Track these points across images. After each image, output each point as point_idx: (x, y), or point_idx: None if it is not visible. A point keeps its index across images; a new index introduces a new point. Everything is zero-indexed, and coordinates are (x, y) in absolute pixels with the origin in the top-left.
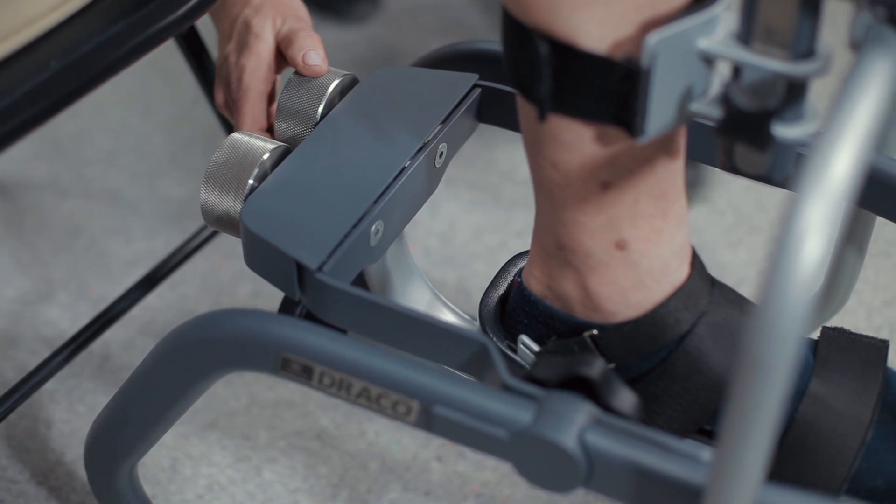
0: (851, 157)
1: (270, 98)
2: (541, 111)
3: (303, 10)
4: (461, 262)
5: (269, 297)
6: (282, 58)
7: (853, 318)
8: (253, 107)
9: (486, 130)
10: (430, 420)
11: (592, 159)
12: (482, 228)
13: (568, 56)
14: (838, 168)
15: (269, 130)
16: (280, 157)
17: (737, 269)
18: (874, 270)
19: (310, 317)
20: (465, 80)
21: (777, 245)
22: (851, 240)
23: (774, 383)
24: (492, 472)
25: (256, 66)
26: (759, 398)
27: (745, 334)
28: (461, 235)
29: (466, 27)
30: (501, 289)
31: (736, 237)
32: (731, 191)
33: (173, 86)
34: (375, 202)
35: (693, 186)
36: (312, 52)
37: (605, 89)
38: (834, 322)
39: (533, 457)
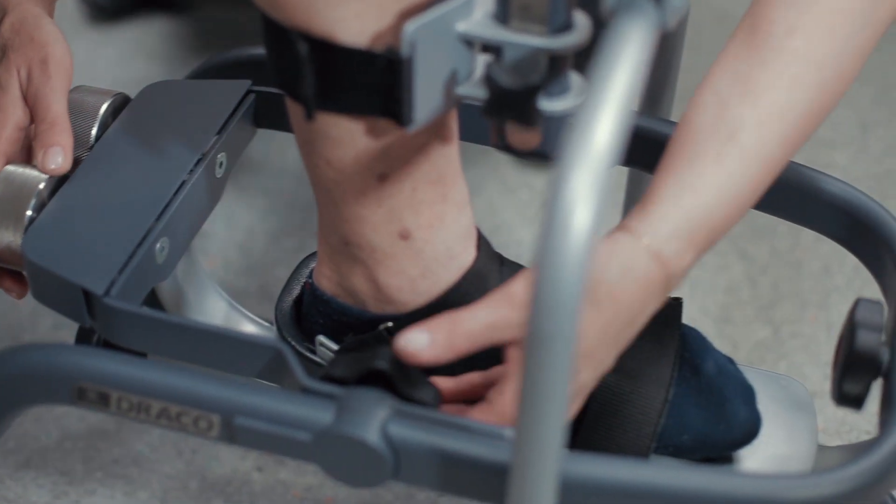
0: (611, 124)
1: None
2: (307, 110)
3: (57, 50)
4: (262, 269)
5: (72, 328)
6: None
7: None
8: None
9: (277, 135)
10: (232, 432)
11: (366, 153)
12: (280, 233)
13: (328, 53)
14: (599, 136)
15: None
16: (57, 185)
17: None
18: None
19: (109, 344)
20: (238, 87)
21: (546, 217)
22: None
23: (559, 353)
24: (313, 475)
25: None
26: (547, 370)
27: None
28: (259, 243)
29: None
30: (295, 291)
31: (532, 213)
32: (525, 168)
33: None
34: (157, 219)
35: None
36: (53, 149)
37: (368, 82)
38: None
39: (339, 456)
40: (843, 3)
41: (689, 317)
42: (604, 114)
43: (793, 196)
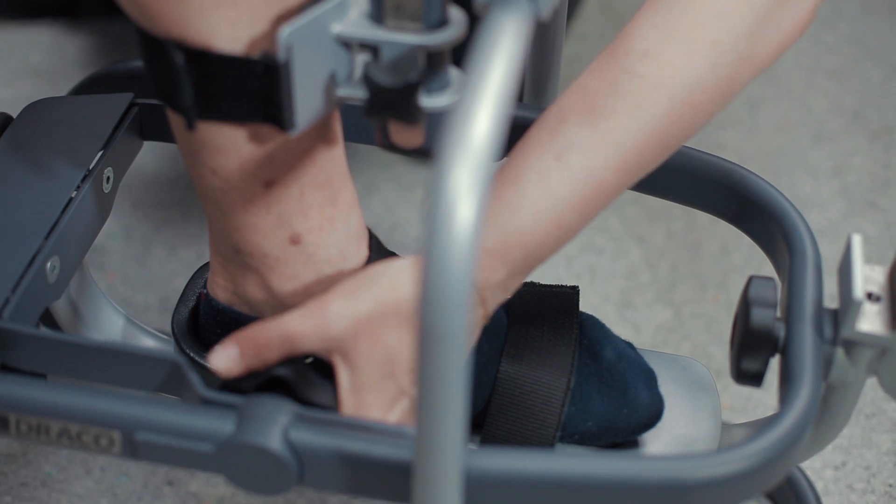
0: (489, 117)
1: None
2: (188, 120)
3: None
4: (161, 281)
5: None
6: None
7: (554, 269)
8: None
9: (168, 147)
10: (135, 448)
11: (251, 160)
12: (176, 245)
13: (204, 61)
14: (477, 130)
15: None
16: None
17: None
18: None
19: (7, 367)
20: (121, 100)
21: (429, 214)
22: None
23: (452, 348)
24: (225, 486)
25: None
26: (440, 365)
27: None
28: (157, 255)
29: None
30: (191, 302)
31: None
32: (419, 166)
33: None
34: (46, 238)
35: None
36: None
37: (247, 89)
38: (536, 277)
39: (243, 465)
40: (709, 32)
41: (589, 304)
42: (481, 108)
43: (682, 179)
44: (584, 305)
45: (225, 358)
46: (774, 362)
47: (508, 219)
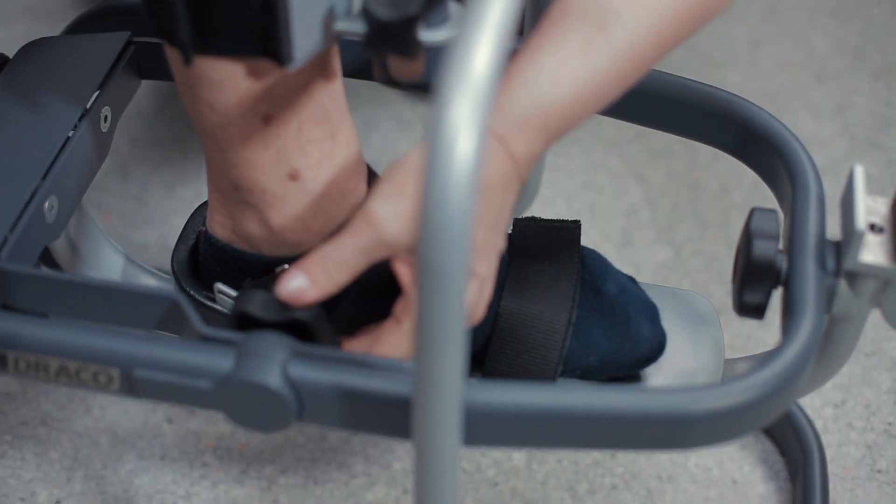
0: (489, 52)
1: None
2: (185, 55)
3: None
4: (159, 220)
5: None
6: None
7: (554, 206)
8: None
9: (166, 85)
10: (133, 385)
11: (249, 95)
12: (175, 183)
13: None
14: (477, 64)
15: None
16: None
17: None
18: (567, 158)
19: (8, 307)
20: (118, 39)
21: (429, 148)
22: None
23: (451, 283)
24: (225, 424)
25: None
26: (440, 300)
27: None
28: (155, 194)
29: None
30: (191, 240)
31: None
32: (418, 103)
33: None
34: (44, 178)
35: None
36: None
37: (245, 23)
38: (537, 213)
39: (242, 401)
40: None
41: (590, 242)
42: (481, 41)
43: (684, 112)
44: (584, 244)
45: (296, 284)
46: (776, 299)
47: (549, 90)
